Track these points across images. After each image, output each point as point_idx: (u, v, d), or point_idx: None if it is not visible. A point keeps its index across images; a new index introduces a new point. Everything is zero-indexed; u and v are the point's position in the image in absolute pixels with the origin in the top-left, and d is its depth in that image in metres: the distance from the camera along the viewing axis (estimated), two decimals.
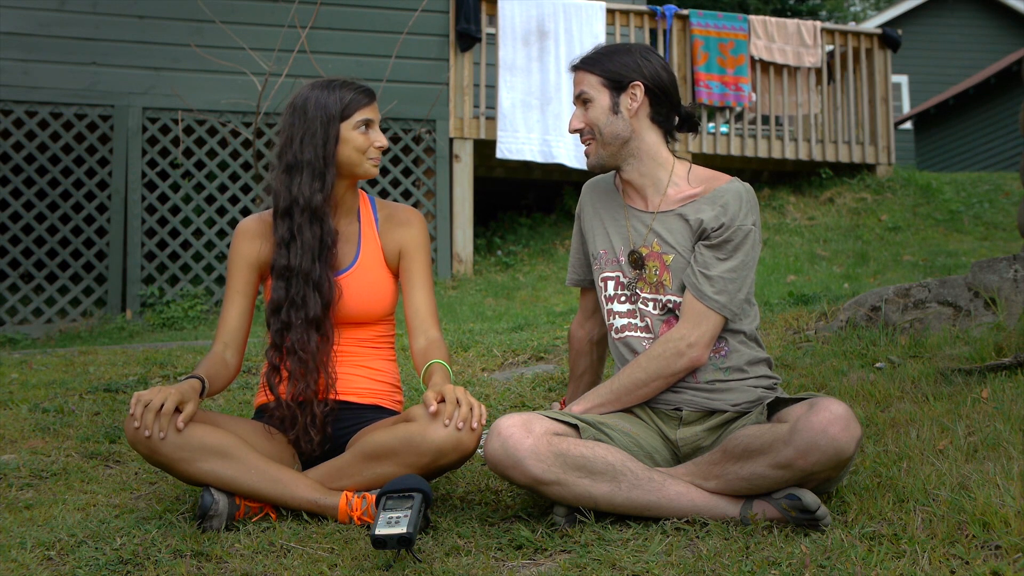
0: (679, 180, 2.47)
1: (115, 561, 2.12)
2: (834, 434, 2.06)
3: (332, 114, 2.50)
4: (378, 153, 2.56)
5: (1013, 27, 19.03)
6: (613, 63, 2.44)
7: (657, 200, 2.47)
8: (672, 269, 2.41)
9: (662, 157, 2.48)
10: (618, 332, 2.49)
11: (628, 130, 2.44)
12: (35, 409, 3.58)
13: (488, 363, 4.15)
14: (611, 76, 2.44)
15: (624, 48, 2.49)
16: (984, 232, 8.48)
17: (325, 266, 2.50)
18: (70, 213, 7.23)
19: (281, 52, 7.38)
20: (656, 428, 2.42)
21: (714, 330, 2.36)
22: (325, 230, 2.50)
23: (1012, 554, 1.86)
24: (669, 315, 2.43)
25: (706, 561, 1.96)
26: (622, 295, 2.48)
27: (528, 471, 2.20)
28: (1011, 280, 3.70)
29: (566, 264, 7.72)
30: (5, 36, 7.20)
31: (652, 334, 2.43)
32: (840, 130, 9.17)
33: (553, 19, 8.10)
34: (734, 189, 2.42)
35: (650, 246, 2.44)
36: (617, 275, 2.49)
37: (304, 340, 2.49)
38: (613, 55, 2.46)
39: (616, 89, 2.44)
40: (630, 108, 2.43)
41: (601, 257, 2.53)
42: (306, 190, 2.49)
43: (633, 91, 2.43)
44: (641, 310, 2.45)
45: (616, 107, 2.44)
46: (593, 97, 2.45)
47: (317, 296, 2.49)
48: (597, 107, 2.44)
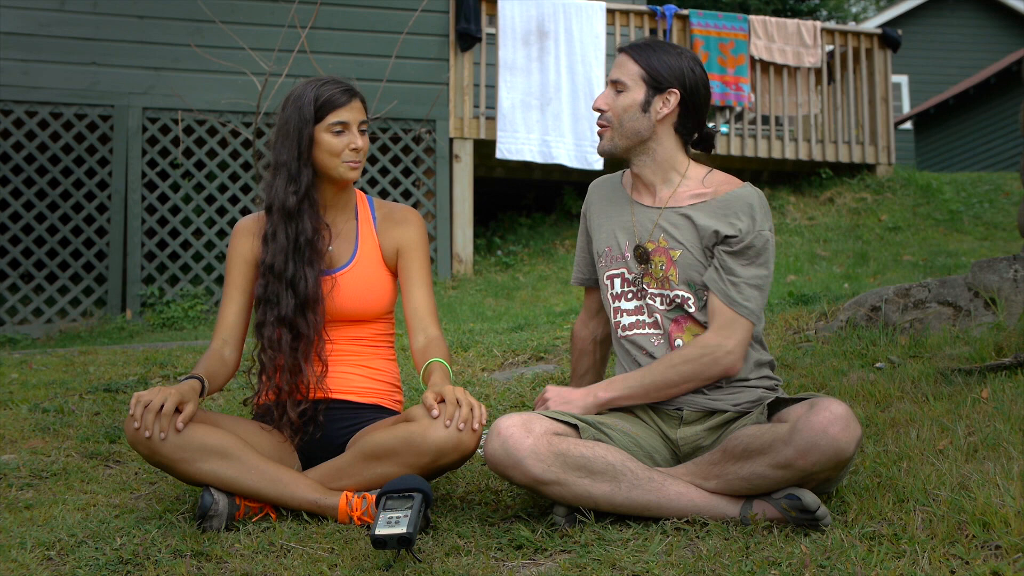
0: (693, 180, 2.46)
1: (115, 561, 2.12)
2: (834, 434, 2.06)
3: (306, 117, 2.52)
4: (355, 155, 2.54)
5: (1013, 27, 19.03)
6: (660, 61, 2.40)
7: (666, 195, 2.45)
8: (679, 264, 2.40)
9: (676, 160, 2.47)
10: (625, 330, 2.47)
11: (649, 131, 2.42)
12: (35, 409, 3.58)
13: (488, 363, 4.15)
14: (653, 74, 2.40)
15: (677, 51, 2.44)
16: (984, 232, 8.48)
17: (302, 265, 2.50)
18: (70, 213, 7.23)
19: (281, 52, 7.38)
20: (656, 427, 2.42)
21: (747, 336, 2.35)
22: (300, 230, 2.51)
23: (1012, 554, 1.86)
24: (678, 312, 2.41)
25: (706, 561, 1.96)
26: (629, 292, 2.47)
27: (528, 471, 2.20)
28: (1011, 280, 3.70)
29: (566, 264, 7.76)
30: (5, 36, 7.20)
31: (661, 330, 2.42)
32: (840, 130, 9.17)
33: (553, 19, 8.10)
34: (747, 194, 2.40)
35: (656, 241, 2.43)
36: (622, 271, 2.48)
37: (274, 338, 2.50)
38: (664, 53, 2.42)
39: (653, 88, 2.41)
40: (659, 112, 2.41)
41: (606, 254, 2.52)
42: (280, 191, 2.52)
43: (668, 96, 2.40)
44: (649, 306, 2.44)
45: (647, 106, 2.41)
46: (628, 87, 2.42)
47: (291, 294, 2.49)
48: (627, 98, 2.41)
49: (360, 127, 2.56)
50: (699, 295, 2.40)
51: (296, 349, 2.50)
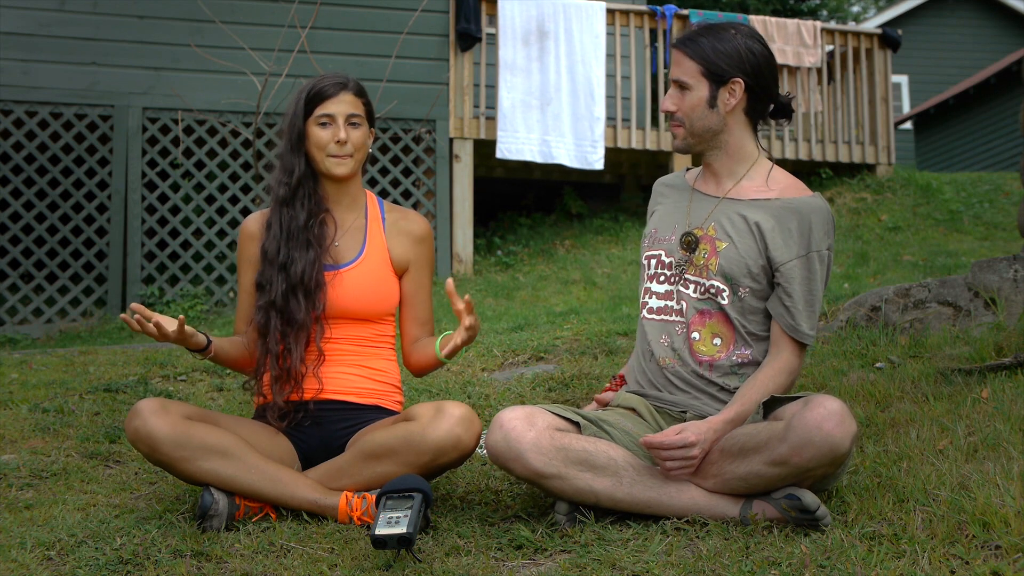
0: (757, 176, 2.43)
1: (115, 561, 2.12)
2: (829, 430, 2.06)
3: (299, 110, 2.56)
4: (339, 148, 2.54)
5: (1013, 27, 19.02)
6: (715, 52, 2.35)
7: (729, 187, 2.43)
8: (722, 256, 2.36)
9: (747, 151, 2.43)
10: (651, 312, 2.45)
11: (721, 124, 2.39)
12: (35, 409, 3.58)
13: (488, 363, 4.15)
14: (712, 68, 2.35)
15: (729, 34, 2.37)
16: (984, 232, 8.47)
17: (294, 249, 2.52)
18: (70, 213, 7.22)
19: (281, 52, 7.38)
20: (658, 428, 2.42)
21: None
22: (292, 216, 2.54)
23: (1012, 554, 1.86)
24: (708, 304, 2.38)
25: (706, 561, 1.96)
26: (662, 274, 2.45)
27: (529, 464, 2.20)
28: (1011, 280, 3.70)
29: (566, 264, 7.77)
30: (5, 36, 7.19)
31: (684, 319, 2.39)
32: (840, 130, 9.16)
33: (553, 19, 8.09)
34: (815, 207, 2.36)
35: (706, 229, 2.41)
36: (660, 253, 2.46)
37: (263, 322, 2.51)
38: (717, 41, 2.36)
39: (716, 82, 2.36)
40: (727, 103, 2.37)
41: (651, 235, 2.51)
42: (274, 182, 2.59)
43: (733, 87, 2.36)
44: (680, 292, 2.41)
45: (713, 101, 2.37)
46: (691, 86, 2.37)
47: (282, 278, 2.51)
48: (694, 97, 2.37)
49: (350, 120, 2.55)
50: (735, 290, 2.36)
51: (287, 335, 2.50)
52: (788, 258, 2.33)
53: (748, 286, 2.36)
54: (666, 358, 2.41)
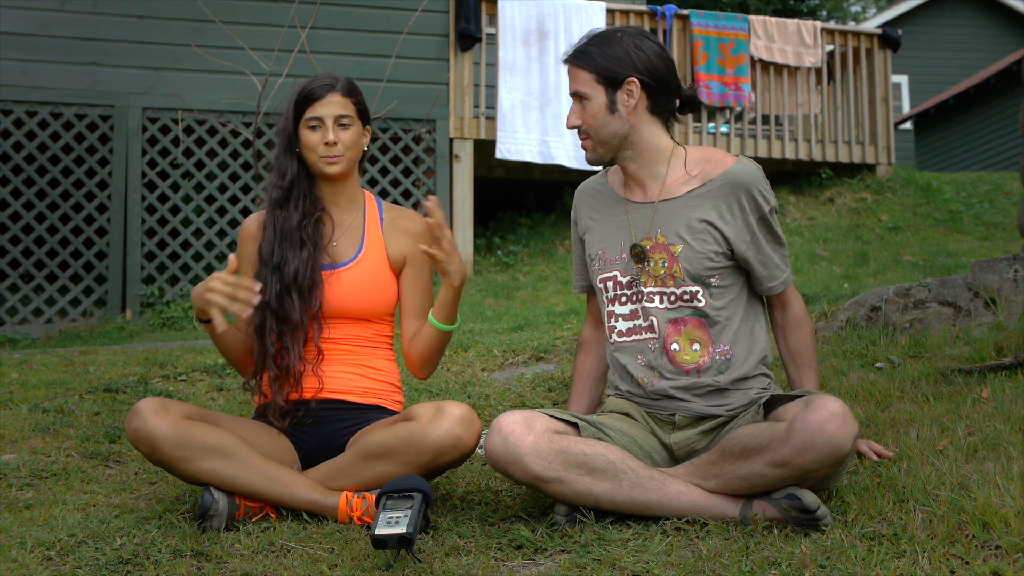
0: (676, 168, 2.42)
1: (115, 561, 2.12)
2: (831, 431, 2.06)
3: (290, 113, 2.57)
4: (328, 150, 2.54)
5: (1013, 27, 19.03)
6: (605, 58, 2.35)
7: (657, 189, 2.42)
8: (682, 259, 2.35)
9: (660, 148, 2.42)
10: (621, 336, 2.44)
11: (626, 127, 2.38)
12: (35, 409, 3.58)
13: (488, 363, 4.15)
14: (604, 73, 2.35)
15: (615, 37, 2.37)
16: (984, 232, 8.47)
17: (288, 249, 2.53)
18: (70, 213, 7.22)
19: (281, 52, 7.38)
20: (651, 431, 2.41)
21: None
22: (285, 218, 2.55)
23: (1012, 554, 1.86)
24: (679, 311, 2.37)
25: (706, 561, 1.96)
26: (622, 295, 2.44)
27: (529, 468, 2.20)
28: (1011, 280, 3.70)
29: (566, 264, 7.76)
30: (5, 36, 7.20)
31: (656, 334, 2.38)
32: (840, 130, 9.17)
33: (553, 19, 8.10)
34: (745, 171, 2.37)
35: (654, 238, 2.39)
36: (615, 274, 2.44)
37: (258, 323, 2.52)
38: (604, 46, 2.36)
39: (611, 86, 2.36)
40: (627, 105, 2.36)
41: (599, 257, 2.48)
42: (269, 185, 2.60)
43: (629, 87, 2.35)
44: (645, 308, 2.40)
45: (613, 105, 2.36)
46: (589, 95, 2.37)
47: (276, 278, 2.51)
48: (594, 105, 2.37)
49: (340, 121, 2.55)
50: (708, 287, 2.37)
51: (283, 334, 2.50)
52: (749, 235, 2.37)
53: (716, 274, 2.37)
54: (644, 377, 2.40)
